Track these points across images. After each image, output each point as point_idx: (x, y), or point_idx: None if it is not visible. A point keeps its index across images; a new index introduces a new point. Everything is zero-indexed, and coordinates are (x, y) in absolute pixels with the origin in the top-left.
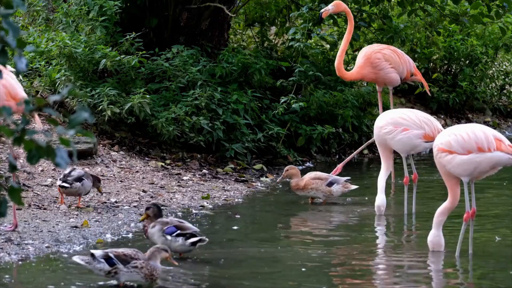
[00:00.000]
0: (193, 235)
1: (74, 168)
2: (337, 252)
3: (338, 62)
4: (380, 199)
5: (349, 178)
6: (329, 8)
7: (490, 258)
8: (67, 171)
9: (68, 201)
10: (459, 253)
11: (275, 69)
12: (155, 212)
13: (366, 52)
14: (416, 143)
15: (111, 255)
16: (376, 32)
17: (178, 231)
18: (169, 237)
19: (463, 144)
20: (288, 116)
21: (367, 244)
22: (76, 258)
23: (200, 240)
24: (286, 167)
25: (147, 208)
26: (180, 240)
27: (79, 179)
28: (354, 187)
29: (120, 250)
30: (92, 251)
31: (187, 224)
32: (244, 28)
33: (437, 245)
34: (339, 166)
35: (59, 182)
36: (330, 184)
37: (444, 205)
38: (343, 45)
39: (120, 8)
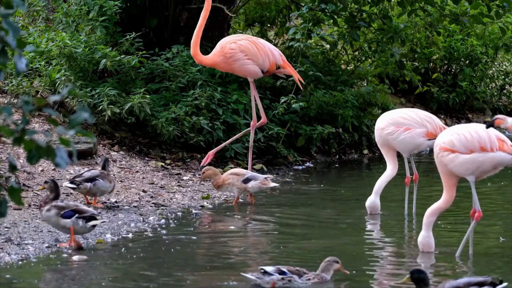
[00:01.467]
0: (92, 217)
1: (91, 169)
2: (336, 252)
3: (194, 42)
4: (370, 200)
5: (269, 176)
6: None
7: (492, 259)
8: (77, 173)
9: (68, 201)
10: (460, 253)
11: None
12: (51, 187)
13: (223, 41)
14: (419, 142)
15: (284, 269)
16: (376, 32)
17: (77, 214)
18: (68, 221)
19: (465, 143)
20: (288, 116)
21: (366, 244)
22: (246, 274)
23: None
24: (203, 170)
25: (45, 182)
26: (81, 222)
27: (90, 179)
28: (273, 184)
29: (292, 267)
30: (263, 267)
31: (83, 206)
32: (244, 28)
33: (427, 247)
34: (210, 153)
35: (66, 183)
36: (247, 180)
37: (436, 205)
38: (200, 23)
39: (120, 8)
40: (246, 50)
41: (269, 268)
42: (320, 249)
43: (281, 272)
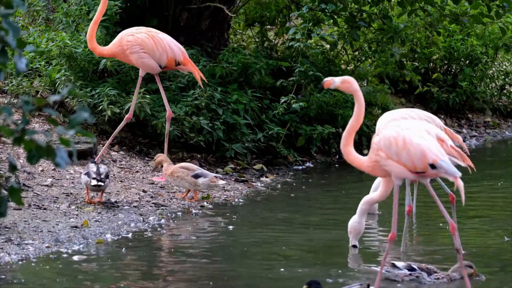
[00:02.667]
0: None
1: (98, 166)
2: (334, 252)
3: (90, 35)
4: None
5: (218, 174)
6: None
7: (496, 258)
8: (94, 169)
9: (68, 201)
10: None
11: (275, 69)
12: None
13: (123, 32)
14: None
15: (414, 266)
16: (376, 32)
17: None
18: None
19: None
20: (288, 116)
21: (366, 244)
22: (375, 267)
23: None
24: (155, 156)
25: None
26: None
27: (107, 175)
28: (222, 182)
29: (423, 264)
30: (394, 262)
31: None
32: (244, 28)
33: (355, 231)
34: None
35: (94, 182)
36: (197, 176)
37: (371, 197)
38: (97, 15)
39: (120, 8)
40: (142, 44)
41: (399, 263)
42: (320, 248)
43: (411, 269)
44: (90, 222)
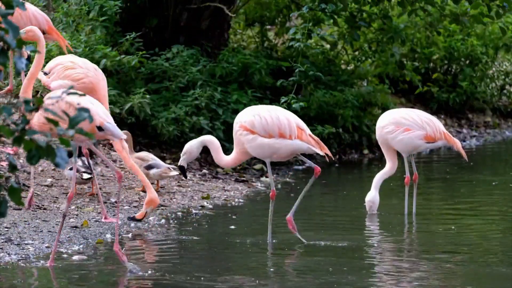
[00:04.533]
0: None
1: (82, 159)
2: (336, 252)
3: None
4: (371, 195)
5: (172, 166)
6: None
7: (500, 256)
8: (80, 163)
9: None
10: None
11: (275, 69)
12: None
13: None
14: (418, 144)
15: None
16: (376, 32)
17: None
18: None
19: (266, 127)
20: None
21: (366, 244)
22: None
23: None
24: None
25: None
26: None
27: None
28: (174, 173)
29: None
30: None
31: None
32: (244, 28)
33: None
34: None
35: (86, 176)
36: (149, 167)
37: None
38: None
39: (120, 8)
40: None
41: None
42: (320, 249)
43: None
44: (90, 222)
